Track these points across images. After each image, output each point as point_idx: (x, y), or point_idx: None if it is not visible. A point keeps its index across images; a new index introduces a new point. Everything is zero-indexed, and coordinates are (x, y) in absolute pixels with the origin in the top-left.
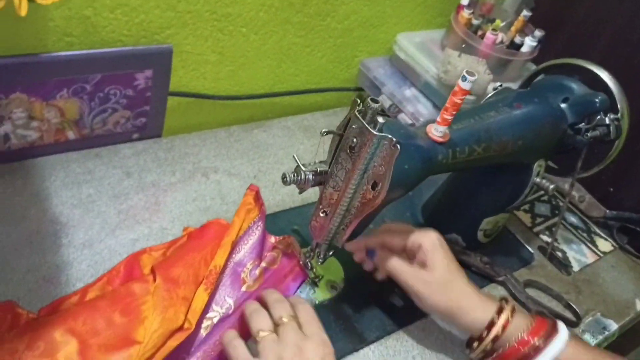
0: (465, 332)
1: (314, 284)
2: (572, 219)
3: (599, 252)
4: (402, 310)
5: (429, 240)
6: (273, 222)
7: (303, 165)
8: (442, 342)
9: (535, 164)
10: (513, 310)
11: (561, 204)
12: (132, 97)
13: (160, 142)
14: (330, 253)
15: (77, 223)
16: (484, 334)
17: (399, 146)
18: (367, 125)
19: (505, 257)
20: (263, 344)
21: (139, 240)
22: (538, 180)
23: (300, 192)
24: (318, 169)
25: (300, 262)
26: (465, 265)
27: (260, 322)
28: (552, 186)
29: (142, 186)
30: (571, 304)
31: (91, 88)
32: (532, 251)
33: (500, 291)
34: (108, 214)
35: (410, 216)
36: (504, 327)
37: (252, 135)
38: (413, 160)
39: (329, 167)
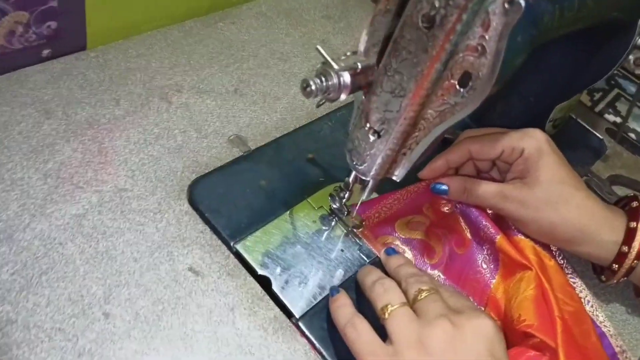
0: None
1: (356, 235)
2: (631, 88)
3: None
4: None
5: (534, 143)
6: (276, 152)
7: (334, 60)
8: None
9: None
10: None
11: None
12: None
13: (87, 57)
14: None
15: None
16: (625, 251)
17: (522, 4)
18: None
19: (573, 152)
20: (395, 320)
21: (87, 216)
22: None
23: (320, 105)
24: (359, 64)
25: (333, 207)
26: None
27: (388, 295)
28: None
29: (73, 129)
30: None
31: None
32: (601, 137)
33: None
34: (28, 181)
35: None
36: None
37: (217, 30)
38: (525, 28)
39: (379, 60)
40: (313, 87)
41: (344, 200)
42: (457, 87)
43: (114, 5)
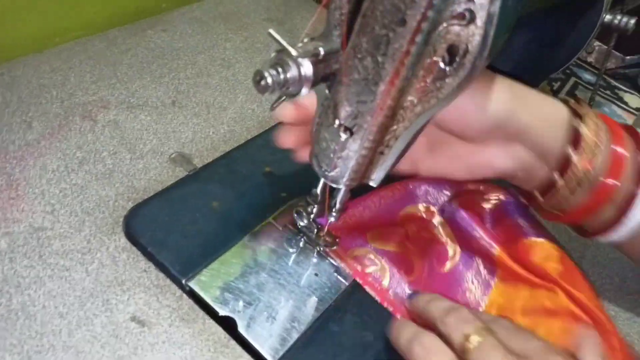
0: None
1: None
2: (587, 77)
3: (633, 110)
4: None
5: None
6: (228, 169)
7: (291, 46)
8: None
9: None
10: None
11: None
12: None
13: None
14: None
15: None
16: (569, 152)
17: None
18: None
19: None
20: None
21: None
22: (610, 16)
23: (276, 105)
24: (321, 49)
25: (299, 226)
26: None
27: (431, 357)
28: (632, 21)
29: None
30: None
31: None
32: None
33: None
34: None
35: None
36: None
37: (145, 38)
38: None
39: (344, 44)
40: (269, 80)
41: (312, 216)
42: (442, 64)
43: (18, 15)
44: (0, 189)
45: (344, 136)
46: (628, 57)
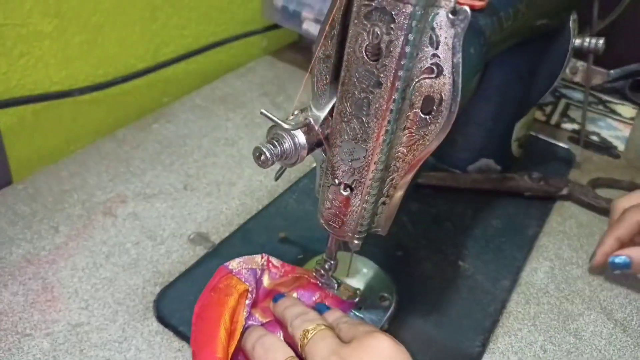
0: None
1: (355, 306)
2: (577, 95)
3: (627, 120)
4: (486, 287)
5: None
6: (245, 240)
7: (283, 121)
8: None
9: (571, 20)
10: None
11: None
12: None
13: (14, 191)
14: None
15: None
16: None
17: (468, 11)
18: None
19: (544, 167)
20: None
21: None
22: (579, 41)
23: (279, 176)
24: (310, 119)
25: (320, 284)
26: (516, 193)
27: (269, 355)
28: (601, 41)
29: (10, 270)
30: None
31: None
32: (566, 146)
33: (570, 208)
34: None
35: None
36: None
37: (153, 132)
38: (474, 39)
39: (331, 110)
40: (268, 155)
41: (330, 272)
42: (422, 115)
43: (33, 133)
44: (37, 293)
45: (345, 193)
46: (612, 71)
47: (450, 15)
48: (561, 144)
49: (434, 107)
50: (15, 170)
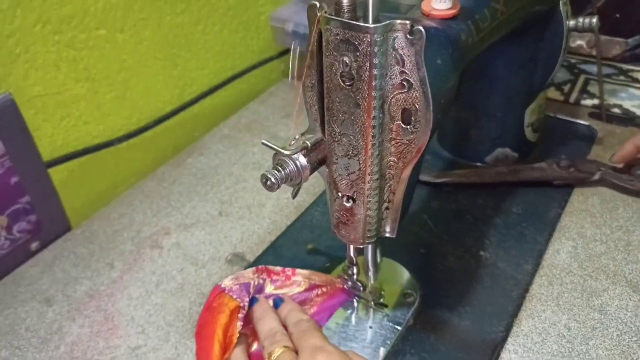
0: None
1: (381, 305)
2: (595, 69)
3: None
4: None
5: None
6: (276, 255)
7: (282, 148)
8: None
9: (561, 3)
10: None
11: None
12: None
13: (73, 236)
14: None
15: None
16: None
17: (422, 30)
18: (355, 22)
19: (565, 146)
20: None
21: None
22: (572, 22)
23: (295, 194)
24: (307, 142)
25: (347, 288)
26: (543, 183)
27: None
28: (594, 19)
29: (76, 306)
30: None
31: None
32: (587, 123)
33: (604, 194)
34: None
35: (431, 156)
36: None
37: (187, 166)
38: (440, 50)
39: (323, 131)
40: (273, 180)
41: (355, 277)
42: (403, 125)
43: (83, 183)
44: (100, 323)
45: (348, 204)
46: (630, 40)
47: (408, 36)
48: (581, 121)
49: (413, 118)
50: (72, 217)
